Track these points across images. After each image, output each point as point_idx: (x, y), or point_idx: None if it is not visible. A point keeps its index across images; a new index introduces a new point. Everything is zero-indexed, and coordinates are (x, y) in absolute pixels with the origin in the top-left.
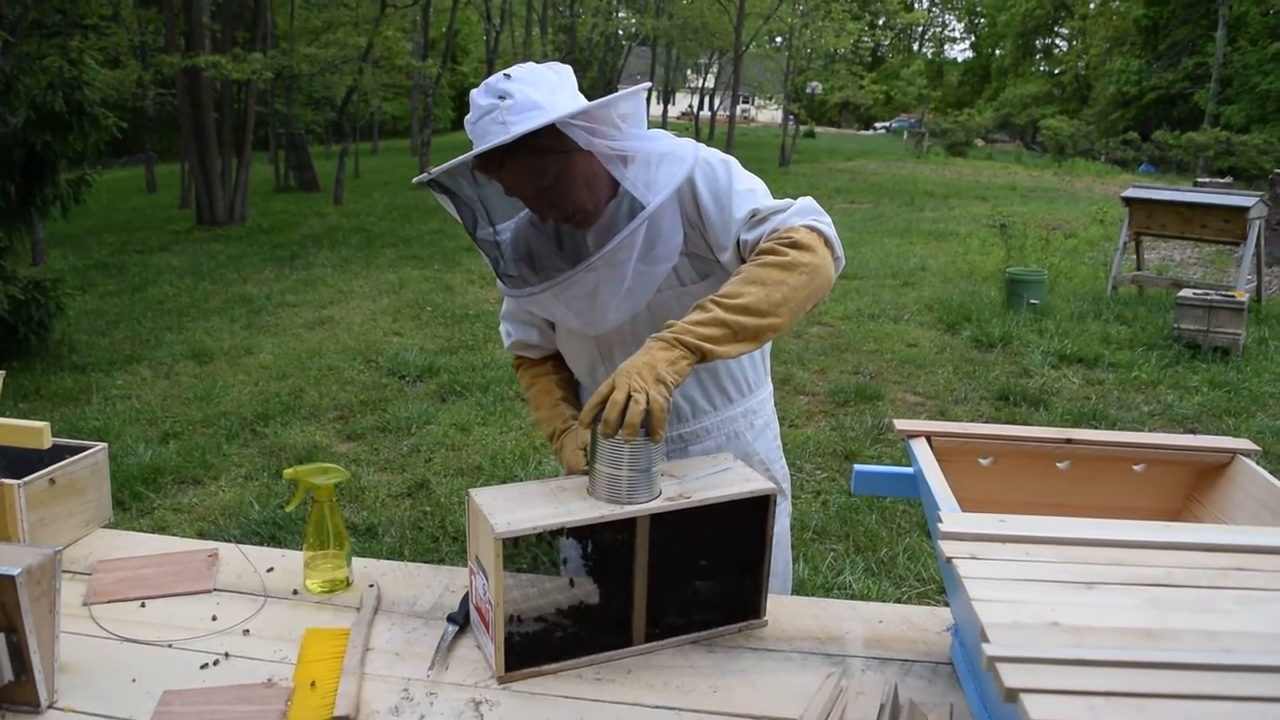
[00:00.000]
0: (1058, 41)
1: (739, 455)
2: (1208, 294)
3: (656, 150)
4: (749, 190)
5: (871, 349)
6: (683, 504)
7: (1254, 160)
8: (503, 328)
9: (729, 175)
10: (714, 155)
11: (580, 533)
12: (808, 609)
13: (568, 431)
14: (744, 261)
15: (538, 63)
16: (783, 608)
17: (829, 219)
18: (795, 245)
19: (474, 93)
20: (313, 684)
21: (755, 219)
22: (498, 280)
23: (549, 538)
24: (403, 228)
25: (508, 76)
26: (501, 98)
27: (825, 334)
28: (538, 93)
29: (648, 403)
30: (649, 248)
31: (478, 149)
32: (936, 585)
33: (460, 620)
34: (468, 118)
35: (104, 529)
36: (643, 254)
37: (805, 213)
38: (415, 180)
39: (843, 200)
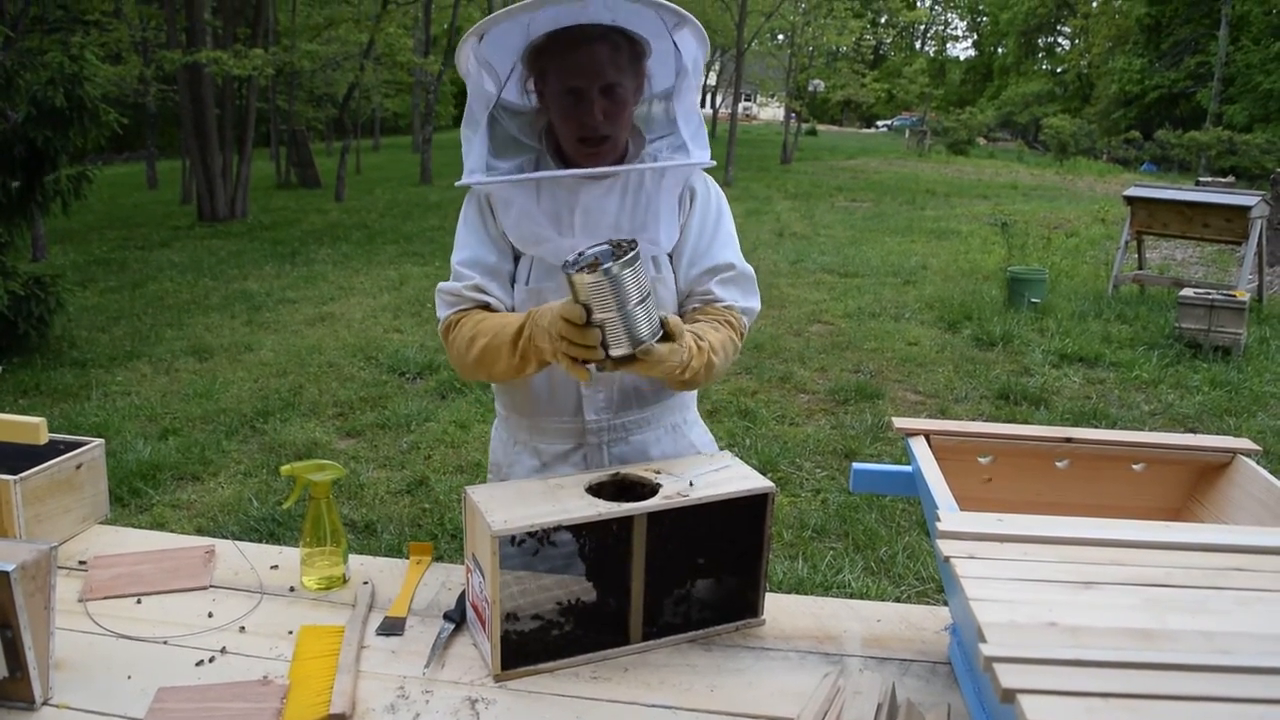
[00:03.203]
0: (1060, 40)
1: (676, 451)
2: (1209, 293)
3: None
4: (731, 236)
5: (872, 347)
6: (680, 502)
7: (1256, 160)
8: (461, 274)
9: (720, 208)
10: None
11: (577, 530)
12: (805, 608)
13: (531, 316)
14: (688, 290)
15: None
16: (780, 607)
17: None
18: (741, 335)
19: None
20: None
21: (727, 275)
22: (482, 171)
23: (546, 535)
24: (404, 225)
25: None
26: None
27: (826, 332)
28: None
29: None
30: (660, 211)
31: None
32: (935, 584)
33: (457, 618)
34: None
35: (100, 525)
36: (652, 205)
37: (754, 297)
38: (473, 33)
39: (844, 198)
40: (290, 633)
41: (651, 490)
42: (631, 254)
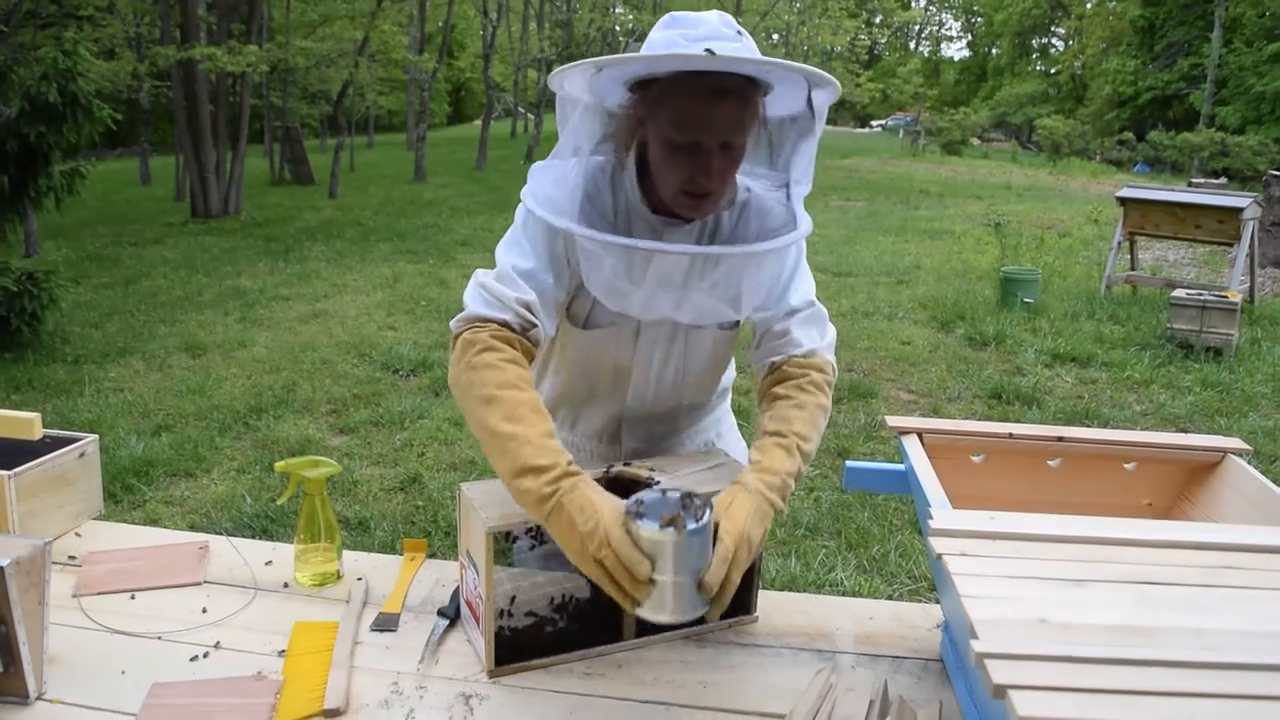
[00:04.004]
0: (1054, 41)
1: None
2: (1201, 294)
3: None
4: (807, 271)
5: (865, 346)
6: None
7: (1248, 161)
8: (515, 282)
9: (801, 244)
10: None
11: None
12: (798, 605)
13: (577, 485)
14: (764, 329)
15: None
16: (773, 604)
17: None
18: (830, 386)
19: (695, 14)
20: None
21: (806, 314)
22: (574, 215)
23: (539, 532)
24: (397, 222)
25: (739, 26)
26: (739, 33)
27: None
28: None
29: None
30: (751, 286)
31: (730, 53)
32: (927, 582)
33: (451, 614)
34: (677, 33)
35: (94, 521)
36: (747, 282)
37: (829, 330)
38: (604, 61)
39: (838, 198)
40: (284, 629)
41: (646, 487)
42: (706, 518)
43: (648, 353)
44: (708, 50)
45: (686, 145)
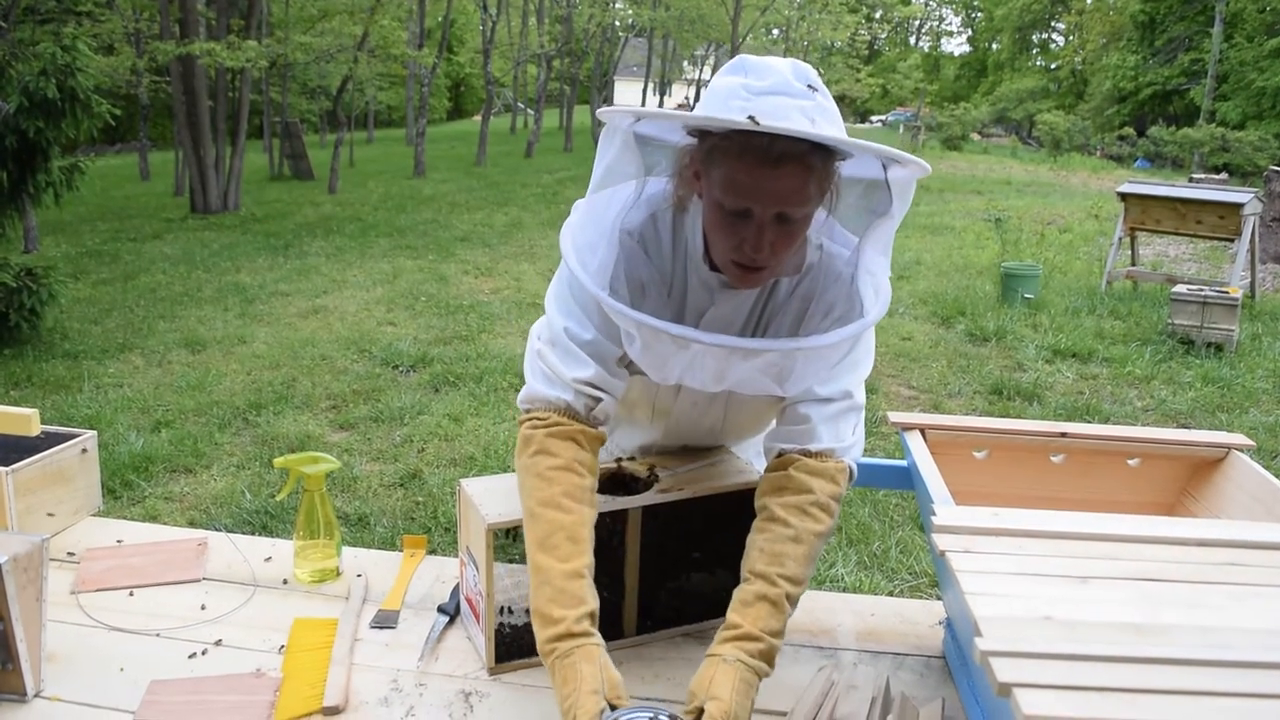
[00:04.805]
0: (1054, 36)
1: None
2: (1202, 289)
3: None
4: (860, 360)
5: None
6: (675, 496)
7: (1249, 157)
8: (578, 358)
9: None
10: None
11: None
12: (800, 602)
13: (572, 653)
14: (783, 414)
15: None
16: None
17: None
18: (837, 501)
19: (767, 61)
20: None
21: (840, 407)
22: (610, 297)
23: None
24: (397, 217)
25: (813, 79)
26: (811, 88)
27: None
28: (839, 118)
29: None
30: (801, 371)
31: (777, 123)
32: (929, 579)
33: (450, 611)
34: (740, 81)
35: (93, 517)
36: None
37: (860, 432)
38: (652, 112)
39: None
40: (284, 625)
41: (647, 484)
42: None
43: (688, 402)
44: (750, 117)
45: (737, 212)
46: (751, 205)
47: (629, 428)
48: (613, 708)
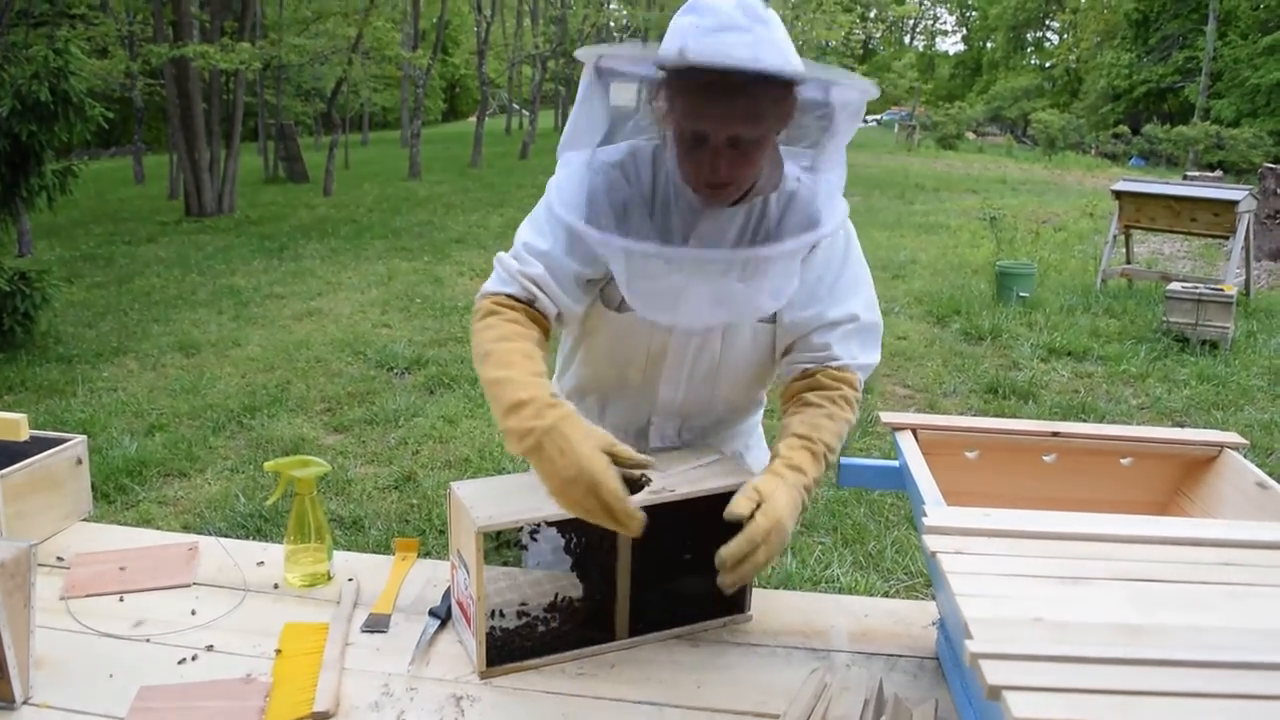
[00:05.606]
0: (1049, 35)
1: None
2: (1197, 287)
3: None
4: (858, 280)
5: None
6: (667, 497)
7: (1244, 154)
8: (524, 259)
9: (848, 250)
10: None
11: (563, 526)
12: (793, 604)
13: (556, 425)
14: (799, 335)
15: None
16: (768, 602)
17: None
18: (857, 404)
19: (712, 1)
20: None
21: (849, 328)
22: (584, 223)
23: (531, 531)
24: (392, 219)
25: (759, 11)
26: (757, 20)
27: None
28: (788, 45)
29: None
30: (779, 278)
31: (723, 59)
32: (924, 579)
33: (442, 615)
34: (690, 21)
35: (83, 522)
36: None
37: (874, 350)
38: (609, 51)
39: None
40: (274, 630)
41: (639, 485)
42: None
43: (683, 340)
44: (679, 51)
45: (694, 136)
46: (705, 130)
47: (621, 397)
48: (615, 461)
